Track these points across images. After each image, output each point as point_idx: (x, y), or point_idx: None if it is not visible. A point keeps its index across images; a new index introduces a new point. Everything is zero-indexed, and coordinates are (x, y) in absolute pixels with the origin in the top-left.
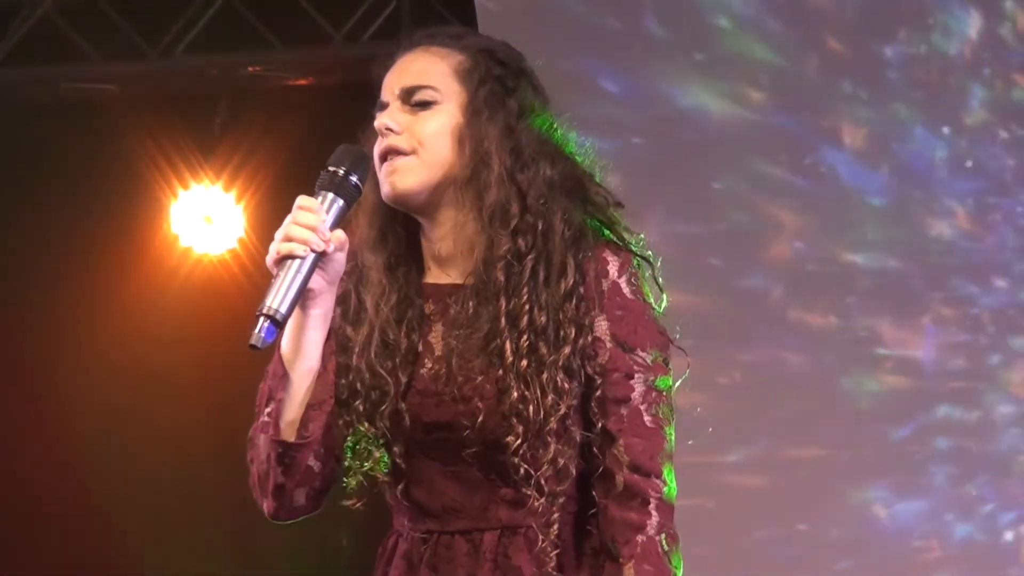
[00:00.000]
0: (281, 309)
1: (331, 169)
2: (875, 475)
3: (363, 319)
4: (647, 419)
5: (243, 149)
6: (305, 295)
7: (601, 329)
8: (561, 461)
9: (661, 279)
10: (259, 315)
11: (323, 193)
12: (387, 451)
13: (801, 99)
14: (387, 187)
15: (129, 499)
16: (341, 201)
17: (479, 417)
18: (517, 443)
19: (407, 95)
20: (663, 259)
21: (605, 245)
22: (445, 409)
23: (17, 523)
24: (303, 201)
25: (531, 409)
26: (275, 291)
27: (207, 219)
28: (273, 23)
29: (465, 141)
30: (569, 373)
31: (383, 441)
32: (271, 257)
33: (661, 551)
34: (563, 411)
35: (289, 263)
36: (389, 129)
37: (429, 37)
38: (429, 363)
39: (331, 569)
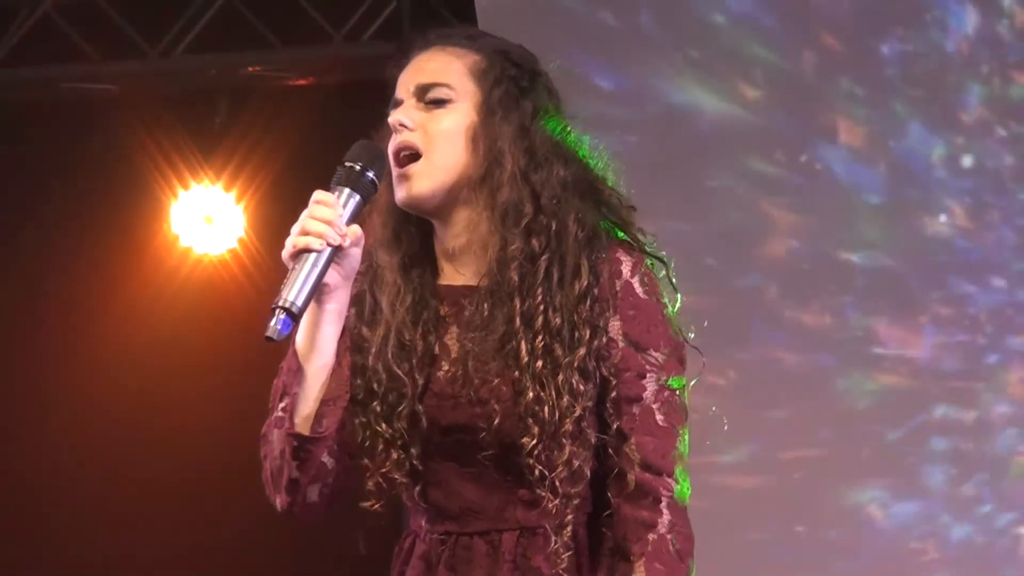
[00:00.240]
0: (297, 302)
1: (348, 164)
2: (872, 476)
3: (378, 320)
4: (659, 418)
5: (243, 149)
6: (320, 289)
7: (614, 329)
8: (576, 463)
9: (675, 279)
10: (275, 308)
11: (339, 188)
12: (404, 453)
13: (797, 96)
14: (401, 192)
15: (130, 499)
16: (358, 196)
17: (496, 420)
18: (532, 444)
19: (422, 92)
20: None
21: (618, 245)
22: (462, 412)
23: (17, 523)
24: (320, 195)
25: (546, 410)
26: (291, 284)
27: (207, 219)
28: (273, 23)
29: (479, 140)
30: (584, 375)
31: (400, 443)
32: (287, 251)
33: (672, 550)
34: (578, 413)
35: (305, 257)
36: (403, 125)
37: (445, 37)
38: (446, 365)
39: (340, 571)
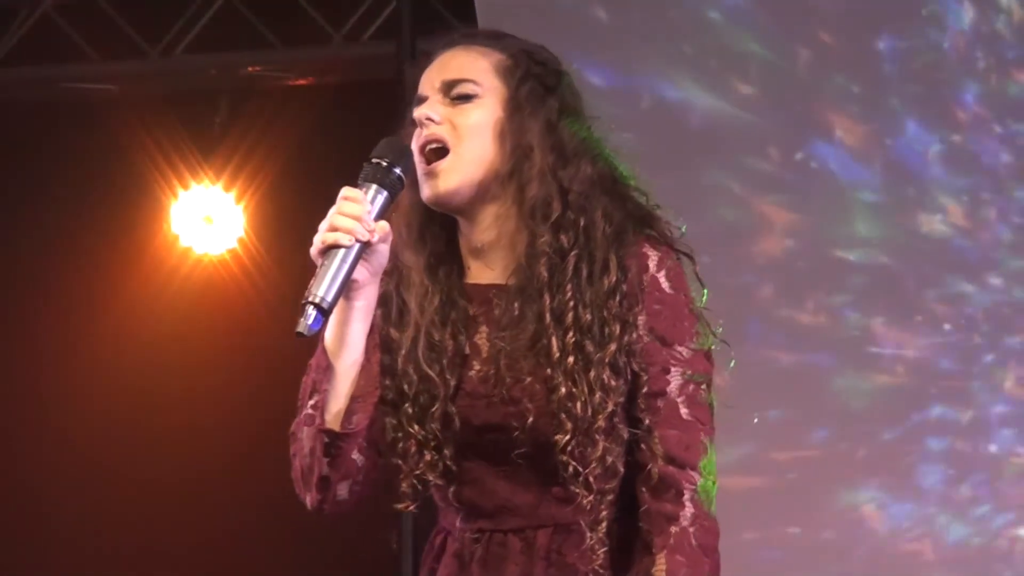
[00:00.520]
0: (327, 298)
1: (375, 161)
2: (867, 476)
3: (406, 321)
4: (683, 411)
5: (243, 149)
6: (349, 286)
7: (640, 323)
8: (609, 459)
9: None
10: (305, 303)
11: (367, 184)
12: (437, 454)
13: (792, 93)
14: (428, 189)
15: (130, 499)
16: (385, 193)
17: (529, 418)
18: (566, 440)
19: (448, 88)
20: None
21: (645, 240)
22: (495, 411)
23: (17, 523)
24: (348, 192)
25: (579, 406)
26: (321, 280)
27: (207, 219)
28: (273, 23)
29: (506, 135)
30: (615, 370)
31: (433, 444)
32: (315, 247)
33: (694, 543)
34: (610, 408)
35: (334, 253)
36: (430, 119)
37: (468, 37)
38: (477, 365)
39: (339, 570)
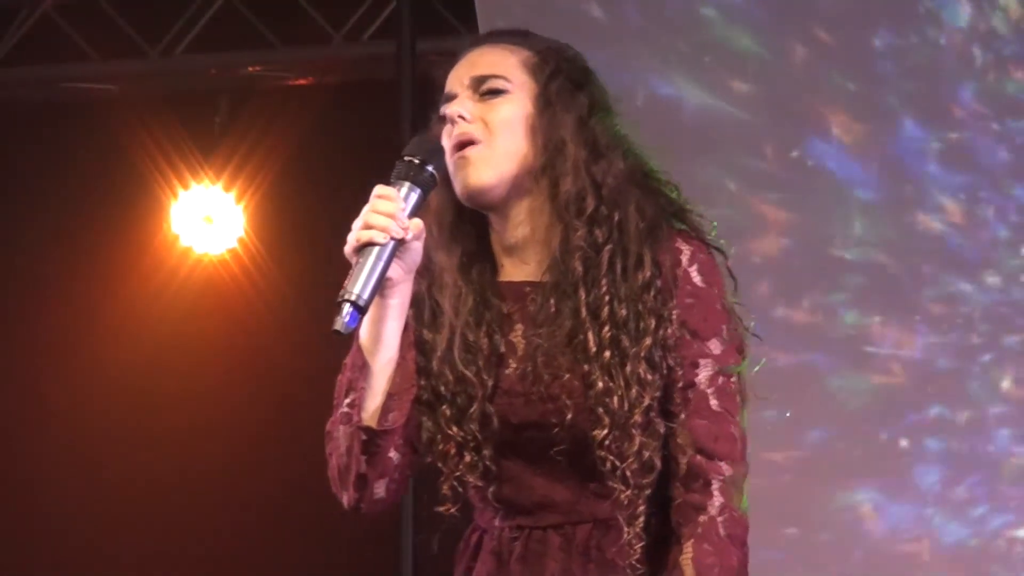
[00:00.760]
0: (364, 295)
1: (407, 158)
2: (864, 477)
3: (440, 322)
4: (713, 403)
5: (243, 149)
6: (384, 284)
7: (674, 317)
8: (646, 454)
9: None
10: (342, 301)
11: (399, 182)
12: (477, 455)
13: (788, 90)
14: (459, 182)
15: (129, 498)
16: (418, 190)
17: (568, 414)
18: (603, 436)
19: (477, 84)
20: None
21: (678, 235)
22: (533, 408)
23: (16, 523)
24: (381, 190)
25: (616, 401)
26: (356, 278)
27: (207, 219)
28: (273, 23)
29: (538, 130)
30: (651, 364)
31: (472, 444)
32: (350, 245)
33: (723, 532)
34: (647, 402)
35: (368, 250)
36: (461, 117)
37: (495, 35)
38: (513, 363)
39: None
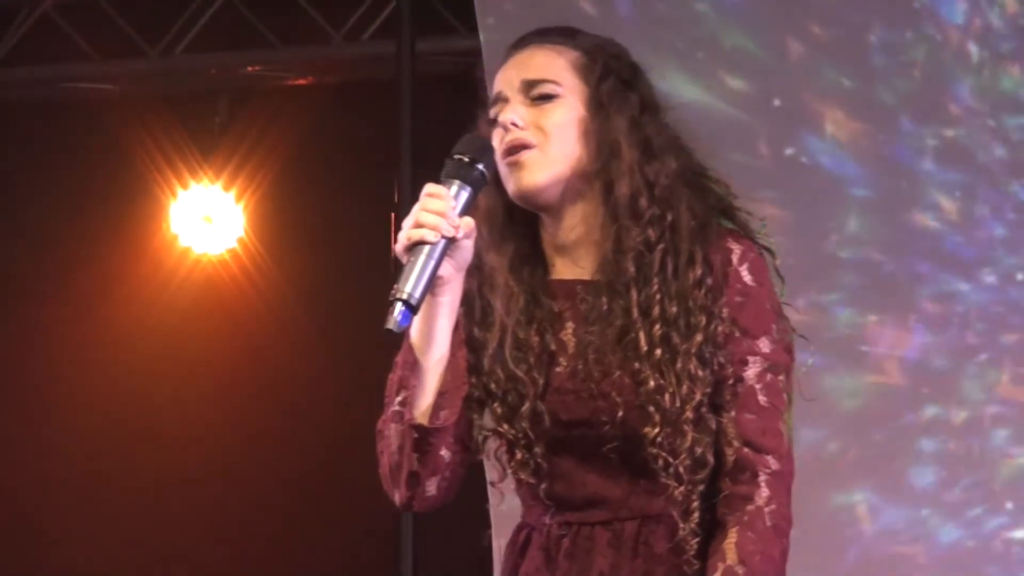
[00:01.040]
0: (415, 294)
1: (457, 157)
2: (859, 477)
3: (491, 321)
4: (761, 399)
5: (243, 149)
6: (435, 282)
7: (725, 315)
8: (699, 449)
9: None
10: (394, 300)
11: (450, 181)
12: (528, 452)
13: (782, 87)
14: (513, 184)
15: (129, 499)
16: (468, 189)
17: (619, 412)
18: (655, 433)
19: (528, 88)
20: None
21: (728, 234)
22: (583, 406)
23: (15, 523)
24: (431, 188)
25: (667, 398)
26: (408, 276)
27: (207, 219)
28: (273, 23)
29: (591, 134)
30: (702, 361)
31: (524, 442)
32: (400, 244)
33: (768, 523)
34: (698, 399)
35: (420, 249)
36: (515, 124)
37: (541, 35)
38: (564, 361)
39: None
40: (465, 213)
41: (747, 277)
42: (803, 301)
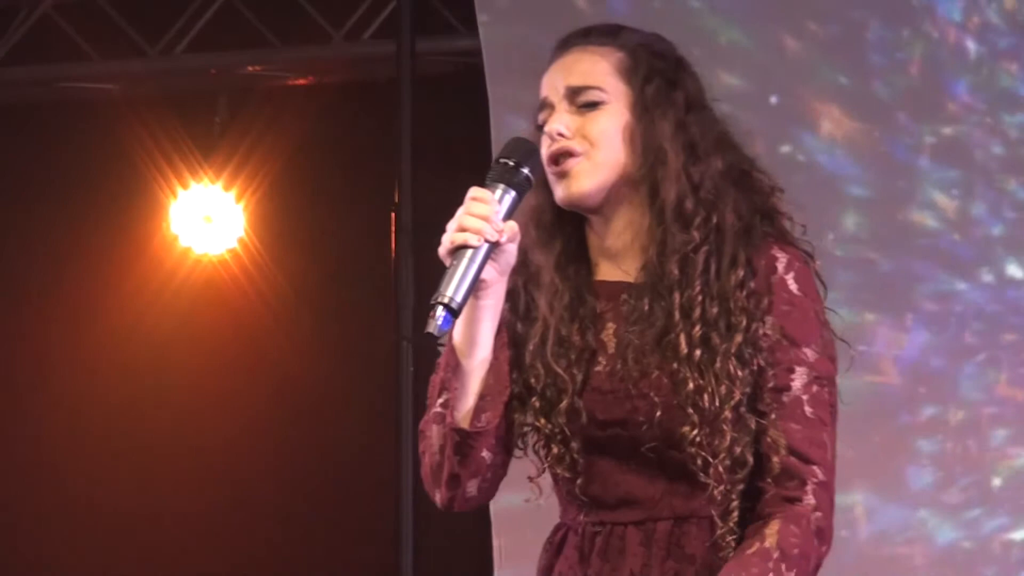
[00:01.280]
0: (457, 298)
1: (502, 161)
2: (856, 478)
3: (534, 317)
4: (808, 410)
5: (243, 149)
6: (478, 285)
7: (768, 323)
8: (738, 449)
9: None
10: (435, 303)
11: (495, 184)
12: (564, 447)
13: (778, 84)
14: (560, 191)
15: (128, 499)
16: (513, 192)
17: (656, 412)
18: (693, 433)
19: (573, 95)
20: None
21: (774, 242)
22: (620, 405)
23: (14, 523)
24: (476, 192)
25: (706, 398)
26: (450, 280)
27: (207, 219)
28: (273, 23)
29: (636, 139)
30: (741, 361)
31: (560, 438)
32: (444, 247)
33: (812, 526)
34: (737, 398)
35: (462, 253)
36: (561, 135)
37: (584, 36)
38: (603, 360)
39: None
40: (510, 217)
41: (793, 286)
42: None
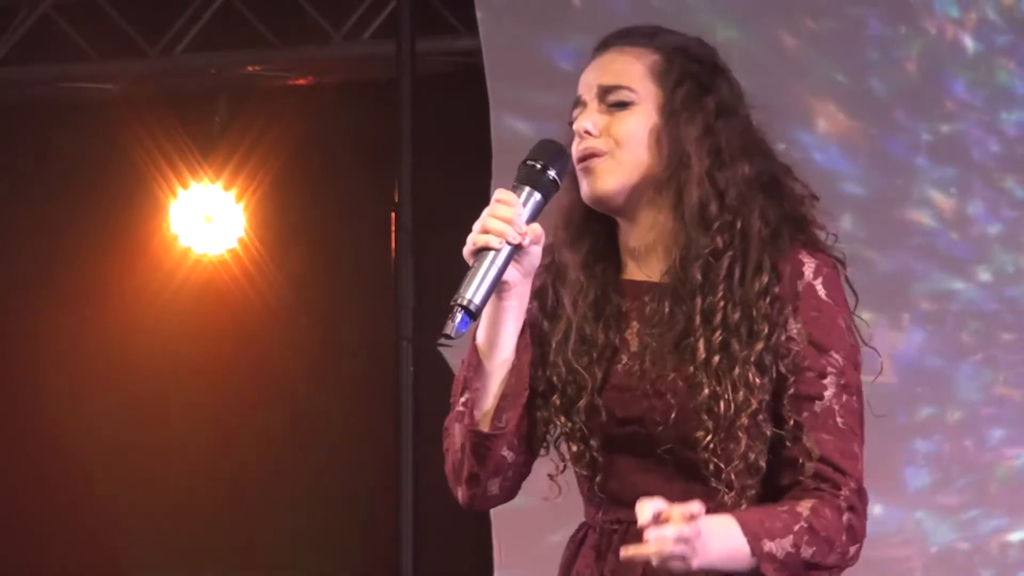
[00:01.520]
0: (475, 300)
1: (529, 163)
2: None
3: (560, 315)
4: (839, 420)
5: (243, 148)
6: (500, 287)
7: (795, 329)
8: (752, 456)
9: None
10: (453, 305)
11: (521, 187)
12: (584, 445)
13: (774, 81)
14: (586, 188)
15: (127, 499)
16: (538, 195)
17: (672, 413)
18: (707, 439)
19: (604, 94)
20: None
21: (801, 246)
22: (638, 404)
23: (13, 524)
24: (501, 194)
25: (722, 405)
26: (470, 282)
27: (207, 219)
28: (273, 23)
29: (663, 142)
30: (761, 369)
31: (579, 435)
32: (467, 248)
33: (845, 521)
34: (754, 407)
35: (484, 254)
36: (588, 132)
37: (622, 37)
38: (624, 359)
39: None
40: (535, 219)
41: (822, 292)
42: None
